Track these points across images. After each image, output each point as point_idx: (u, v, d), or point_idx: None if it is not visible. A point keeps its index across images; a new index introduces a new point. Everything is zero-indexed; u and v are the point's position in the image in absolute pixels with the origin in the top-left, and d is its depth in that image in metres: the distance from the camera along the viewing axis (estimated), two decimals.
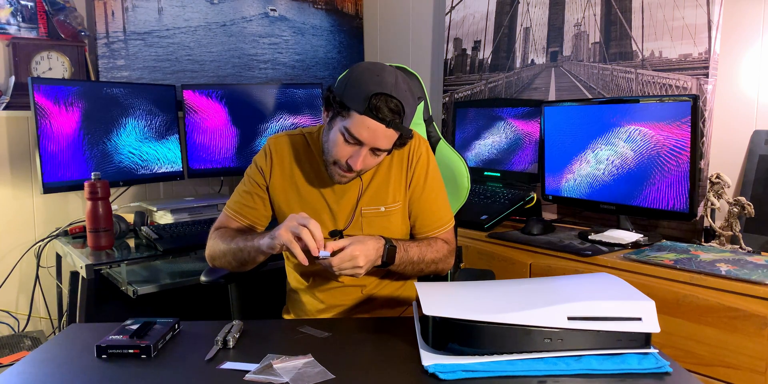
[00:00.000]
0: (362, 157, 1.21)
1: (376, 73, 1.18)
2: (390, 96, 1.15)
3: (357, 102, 1.16)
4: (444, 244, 1.36)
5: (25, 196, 2.18)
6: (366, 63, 1.23)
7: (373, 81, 1.16)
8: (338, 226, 1.34)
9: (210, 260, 1.36)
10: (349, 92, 1.18)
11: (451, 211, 1.43)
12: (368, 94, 1.15)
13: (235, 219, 1.37)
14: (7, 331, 2.15)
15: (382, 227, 1.34)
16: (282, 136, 1.40)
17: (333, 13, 2.96)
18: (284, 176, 1.36)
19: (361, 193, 1.34)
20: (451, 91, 2.56)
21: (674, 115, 1.59)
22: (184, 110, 2.31)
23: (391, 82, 1.17)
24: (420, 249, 1.29)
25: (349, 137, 1.19)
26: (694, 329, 1.34)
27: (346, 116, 1.18)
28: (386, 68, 1.20)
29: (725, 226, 1.61)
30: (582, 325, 0.94)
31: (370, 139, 1.18)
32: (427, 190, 1.37)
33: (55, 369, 0.97)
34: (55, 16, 2.18)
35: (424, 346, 0.99)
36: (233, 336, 1.05)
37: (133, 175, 2.18)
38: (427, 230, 1.38)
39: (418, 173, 1.36)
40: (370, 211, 1.34)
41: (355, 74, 1.19)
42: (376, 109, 1.15)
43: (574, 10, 2.08)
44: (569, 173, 1.89)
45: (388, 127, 1.17)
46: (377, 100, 1.15)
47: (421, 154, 1.36)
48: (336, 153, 1.22)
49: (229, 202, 1.40)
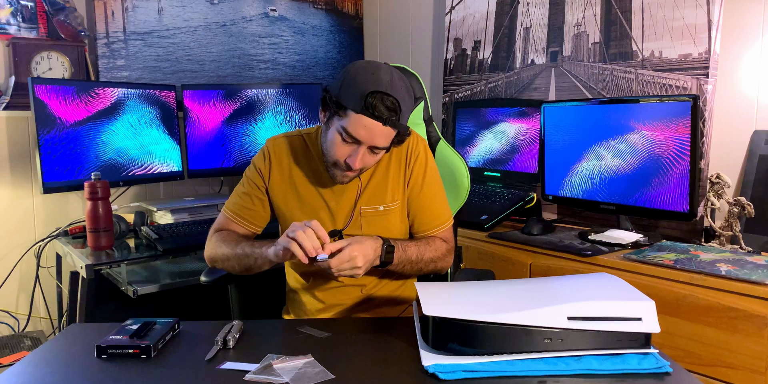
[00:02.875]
0: (360, 155, 1.21)
1: (372, 71, 1.17)
2: (386, 94, 1.15)
3: (353, 101, 1.16)
4: (442, 242, 1.36)
5: (25, 196, 2.18)
6: (361, 62, 1.22)
7: (369, 79, 1.16)
8: (337, 225, 1.34)
9: (210, 262, 1.36)
10: (344, 91, 1.17)
11: (449, 210, 1.43)
12: (364, 92, 1.14)
13: (234, 220, 1.37)
14: (7, 331, 2.15)
15: (381, 226, 1.34)
16: (280, 137, 1.40)
17: (333, 13, 2.96)
18: (283, 177, 1.36)
19: (359, 193, 1.34)
20: (451, 91, 2.56)
21: (674, 115, 1.59)
22: (184, 110, 2.31)
23: (387, 80, 1.16)
24: (418, 248, 1.29)
25: (347, 136, 1.19)
26: (694, 329, 1.34)
27: (343, 115, 1.18)
28: (381, 66, 1.19)
29: (725, 226, 1.61)
30: (582, 325, 0.94)
31: (367, 137, 1.18)
32: (426, 188, 1.37)
33: (55, 369, 0.97)
34: (55, 16, 2.18)
35: (424, 346, 0.99)
36: (233, 336, 1.05)
37: (133, 175, 2.18)
38: (426, 229, 1.38)
39: (416, 172, 1.36)
40: (369, 210, 1.34)
41: (350, 73, 1.19)
42: (372, 107, 1.15)
43: (574, 10, 2.08)
44: (569, 173, 1.89)
45: (385, 124, 1.17)
46: (373, 98, 1.14)
47: (419, 153, 1.36)
48: (334, 153, 1.22)
49: (228, 203, 1.40)
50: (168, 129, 2.28)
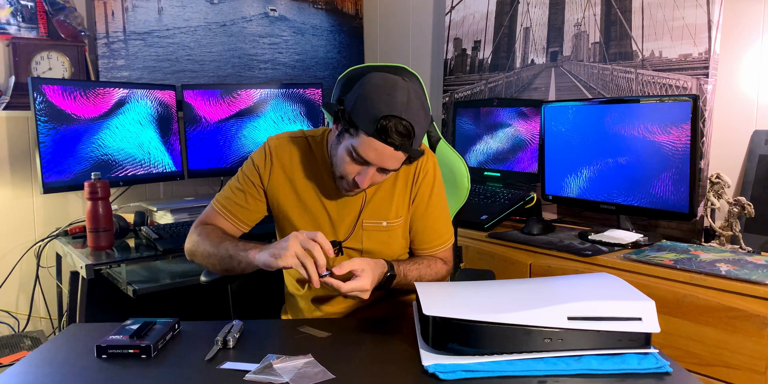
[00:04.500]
0: (369, 176, 1.18)
1: (387, 91, 1.12)
2: (400, 118, 1.10)
3: (365, 123, 1.11)
4: (443, 265, 1.36)
5: (25, 196, 2.18)
6: (378, 77, 1.16)
7: (383, 100, 1.11)
8: (338, 236, 1.31)
9: (189, 255, 1.29)
10: (358, 110, 1.12)
11: (452, 229, 1.41)
12: (377, 115, 1.10)
13: (223, 215, 1.31)
14: (7, 331, 2.15)
15: (381, 241, 1.32)
16: (283, 137, 1.35)
17: (333, 13, 2.96)
18: (284, 179, 1.32)
19: (363, 206, 1.31)
20: (451, 91, 2.56)
21: (674, 115, 1.59)
22: (184, 110, 2.31)
23: (402, 102, 1.11)
24: (419, 272, 1.29)
25: (356, 156, 1.15)
26: (694, 329, 1.34)
27: (354, 135, 1.14)
28: (399, 84, 1.14)
29: (725, 226, 1.61)
30: (582, 325, 0.94)
31: (377, 160, 1.15)
32: (431, 207, 1.35)
33: (55, 369, 0.97)
34: (55, 16, 2.18)
35: (424, 346, 0.99)
36: (233, 336, 1.05)
37: (133, 175, 2.18)
38: (427, 247, 1.37)
39: (422, 190, 1.34)
40: (372, 224, 1.32)
41: (366, 90, 1.13)
42: (384, 132, 1.10)
43: (574, 10, 2.08)
44: (569, 173, 1.89)
45: (397, 150, 1.13)
46: (387, 122, 1.09)
47: (428, 171, 1.34)
48: (343, 169, 1.19)
49: (219, 196, 1.34)
50: (168, 129, 2.28)
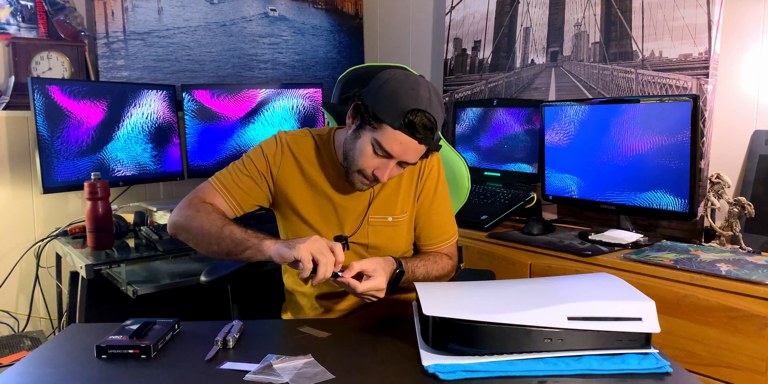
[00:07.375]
0: (390, 169, 1.20)
1: (412, 86, 1.15)
2: (425, 112, 1.14)
3: (391, 116, 1.14)
4: (449, 260, 1.37)
5: (25, 196, 2.18)
6: (399, 73, 1.19)
7: (409, 95, 1.14)
8: (344, 231, 1.32)
9: (174, 228, 1.24)
10: (382, 104, 1.15)
11: (456, 225, 1.42)
12: (404, 109, 1.13)
13: (221, 194, 1.27)
14: (7, 331, 2.15)
15: (387, 237, 1.33)
16: (292, 133, 1.36)
17: (333, 13, 2.96)
18: (295, 171, 1.32)
19: (370, 201, 1.33)
20: (451, 91, 2.56)
21: (674, 115, 1.59)
22: (184, 110, 2.31)
23: (426, 98, 1.15)
24: (426, 269, 1.30)
25: (379, 149, 1.17)
26: (694, 329, 1.34)
27: (377, 128, 1.16)
28: (420, 81, 1.17)
29: (725, 226, 1.61)
30: (582, 325, 0.94)
31: (400, 153, 1.17)
32: (436, 203, 1.36)
33: (55, 369, 0.97)
34: (55, 16, 2.18)
35: (424, 346, 0.99)
36: (233, 336, 1.05)
37: (133, 175, 2.18)
38: (432, 243, 1.38)
39: (428, 186, 1.35)
40: (378, 219, 1.33)
41: (389, 85, 1.16)
42: (411, 125, 1.13)
43: (574, 10, 2.08)
44: (569, 173, 1.89)
45: (420, 143, 1.16)
46: (413, 116, 1.13)
47: (433, 168, 1.35)
48: (362, 163, 1.20)
49: (219, 175, 1.30)
50: (168, 129, 2.28)
